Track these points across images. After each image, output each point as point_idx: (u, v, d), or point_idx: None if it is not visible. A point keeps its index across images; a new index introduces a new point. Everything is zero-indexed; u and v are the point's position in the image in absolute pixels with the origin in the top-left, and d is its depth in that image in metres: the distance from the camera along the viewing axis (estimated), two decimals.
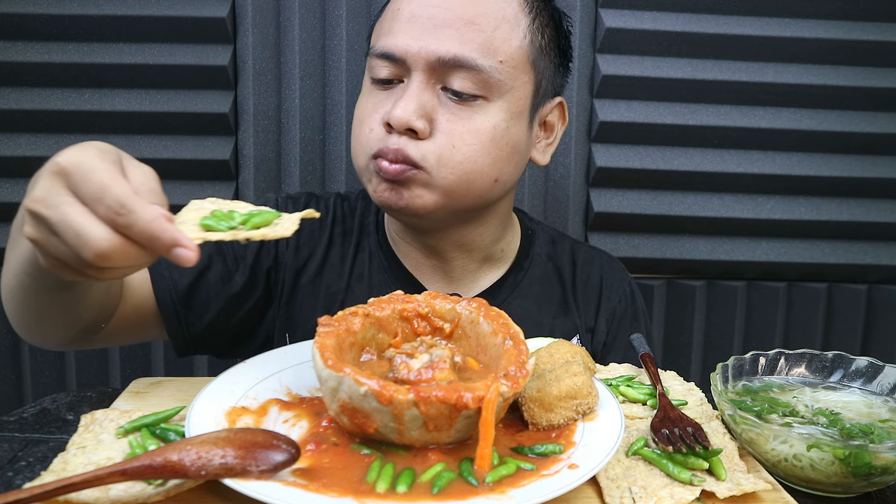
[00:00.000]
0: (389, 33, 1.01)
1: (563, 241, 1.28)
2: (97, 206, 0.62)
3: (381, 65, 1.02)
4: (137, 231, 0.62)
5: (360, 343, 0.75)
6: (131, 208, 0.61)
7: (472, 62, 0.97)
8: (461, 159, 0.99)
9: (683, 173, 1.61)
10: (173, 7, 1.49)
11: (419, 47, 0.97)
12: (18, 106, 1.51)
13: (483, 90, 0.99)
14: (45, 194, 0.63)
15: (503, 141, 1.02)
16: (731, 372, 0.83)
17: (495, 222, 1.15)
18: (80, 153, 0.64)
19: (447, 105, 1.00)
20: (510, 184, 1.09)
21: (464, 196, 1.02)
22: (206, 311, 1.10)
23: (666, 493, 0.63)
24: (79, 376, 1.65)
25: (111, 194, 0.62)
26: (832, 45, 1.58)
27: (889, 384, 0.80)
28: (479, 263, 1.17)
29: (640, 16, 1.56)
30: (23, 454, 0.72)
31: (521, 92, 1.03)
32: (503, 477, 0.62)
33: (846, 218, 1.64)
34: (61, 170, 0.63)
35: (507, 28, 1.00)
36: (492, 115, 1.01)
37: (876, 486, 0.69)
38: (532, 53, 1.03)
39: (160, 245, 0.62)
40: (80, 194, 0.63)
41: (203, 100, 1.53)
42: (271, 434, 0.62)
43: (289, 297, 1.15)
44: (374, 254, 1.17)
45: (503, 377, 0.66)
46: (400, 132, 0.98)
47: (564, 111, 1.16)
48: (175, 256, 0.63)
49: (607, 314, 1.22)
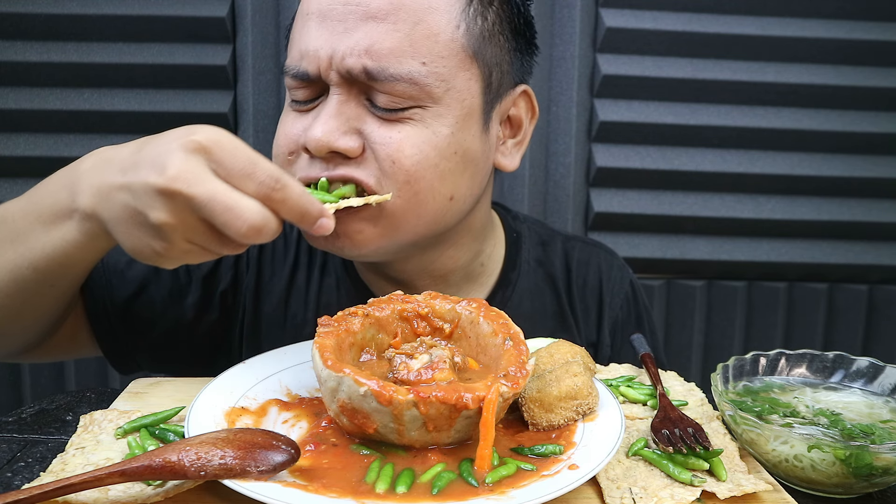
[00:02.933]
0: (300, 39, 0.87)
1: (553, 241, 1.13)
2: (247, 182, 0.63)
3: (297, 85, 0.87)
4: (291, 204, 0.64)
5: (359, 343, 0.75)
6: (285, 182, 0.64)
7: (386, 72, 0.81)
8: (405, 177, 0.83)
9: (683, 173, 1.61)
10: (173, 7, 1.49)
11: (329, 57, 0.82)
12: (18, 106, 1.51)
13: (412, 100, 0.83)
14: (186, 172, 0.62)
15: (450, 150, 0.86)
16: (732, 372, 0.83)
17: (468, 240, 0.99)
18: (217, 132, 0.65)
19: (376, 119, 0.84)
20: (470, 200, 0.92)
21: (415, 223, 0.87)
22: (149, 329, 0.99)
23: (666, 493, 0.63)
24: (78, 377, 1.64)
25: (264, 169, 0.64)
26: (832, 45, 1.58)
27: (890, 385, 0.80)
28: (456, 287, 1.03)
29: (641, 15, 1.56)
30: (21, 455, 0.72)
31: (464, 91, 0.86)
32: (503, 477, 0.62)
33: (847, 218, 1.64)
34: (201, 147, 0.63)
35: (432, 19, 0.84)
36: (430, 124, 0.85)
37: (877, 486, 0.69)
38: (471, 44, 0.86)
39: (310, 217, 0.66)
40: (223, 171, 0.64)
41: (202, 99, 1.53)
42: (271, 434, 0.62)
43: (252, 325, 1.03)
44: (341, 280, 1.04)
45: (503, 377, 0.66)
46: (323, 157, 0.83)
47: (532, 101, 0.97)
48: (318, 227, 0.67)
49: (610, 323, 1.10)
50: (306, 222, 0.67)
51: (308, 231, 0.70)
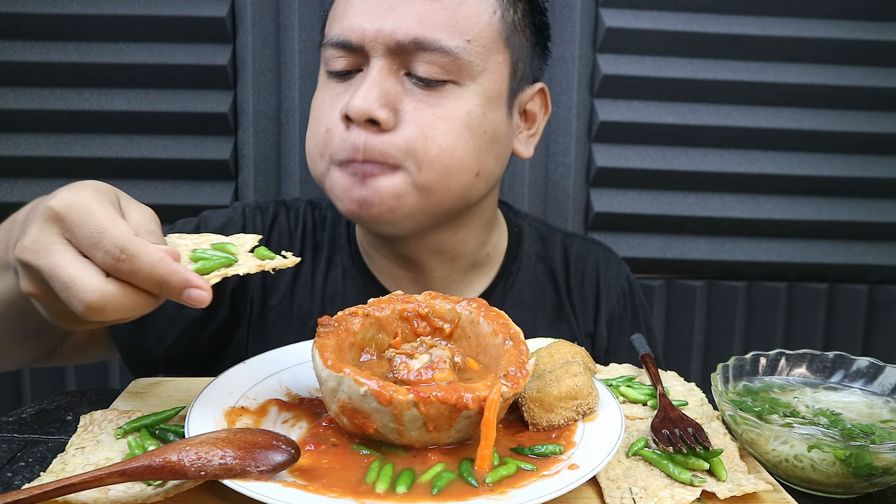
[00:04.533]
0: (343, 17, 0.91)
1: (553, 237, 1.18)
2: (94, 251, 0.57)
3: (337, 55, 0.91)
4: (143, 276, 0.57)
5: (359, 343, 0.75)
6: (133, 252, 0.57)
7: (436, 43, 0.87)
8: (437, 152, 0.88)
9: (683, 173, 1.61)
10: (173, 7, 1.49)
11: (375, 30, 0.87)
12: (18, 106, 1.51)
13: (452, 74, 0.89)
14: (36, 242, 0.58)
15: (480, 129, 0.92)
16: (732, 372, 0.83)
17: (478, 225, 1.04)
18: (74, 195, 0.59)
19: (413, 92, 0.89)
20: (493, 178, 0.99)
21: (444, 194, 0.92)
22: (164, 334, 1.01)
23: (666, 493, 0.63)
24: (78, 377, 1.64)
25: (109, 238, 0.57)
26: (832, 45, 1.58)
27: (890, 385, 0.80)
28: (463, 273, 1.07)
29: (641, 15, 1.56)
30: (21, 455, 0.72)
31: (496, 74, 0.93)
32: (503, 477, 0.62)
33: (847, 218, 1.64)
34: (54, 214, 0.58)
35: (473, 2, 0.90)
36: (465, 101, 0.90)
37: (877, 486, 0.69)
38: (504, 30, 0.93)
39: (171, 288, 0.58)
40: (75, 240, 0.58)
41: (202, 100, 1.53)
42: (271, 434, 0.62)
43: (259, 319, 1.06)
44: (347, 270, 1.07)
45: (503, 377, 0.66)
46: (360, 124, 0.88)
47: (546, 99, 1.05)
48: (187, 298, 0.58)
49: (607, 316, 1.15)
50: (167, 292, 0.58)
51: (177, 300, 0.61)
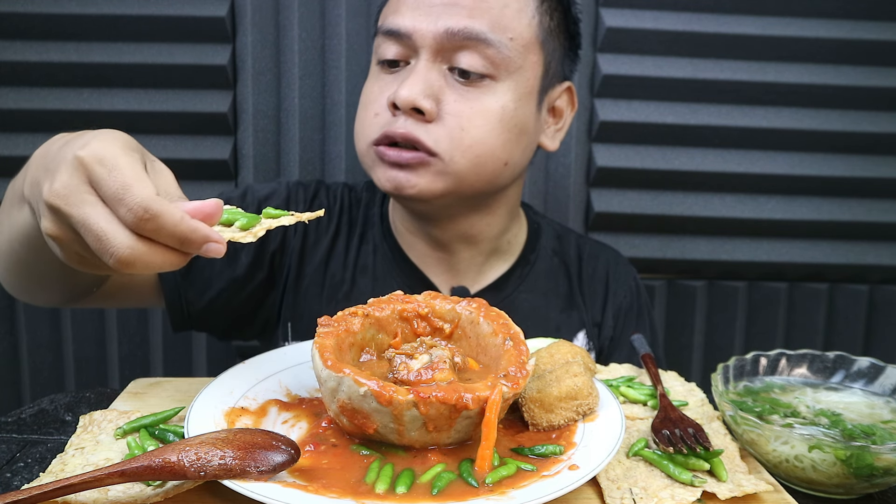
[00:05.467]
0: (397, 12, 1.02)
1: (568, 236, 1.28)
2: (118, 207, 0.59)
3: (388, 44, 1.02)
4: (166, 235, 0.59)
5: (359, 343, 0.74)
6: (156, 212, 0.58)
7: (482, 35, 0.98)
8: (471, 142, 0.99)
9: (683, 173, 1.60)
10: (172, 7, 1.49)
11: (427, 22, 0.98)
12: (18, 106, 1.50)
13: (491, 69, 1.00)
14: (66, 189, 0.60)
15: (512, 122, 1.02)
16: (732, 372, 0.83)
17: (503, 212, 1.14)
18: (104, 146, 0.61)
19: (454, 86, 1.00)
20: (520, 168, 1.09)
21: (474, 180, 1.02)
22: (207, 287, 1.09)
23: (667, 493, 0.63)
24: (77, 377, 1.64)
25: (133, 196, 0.58)
26: (832, 45, 1.58)
27: (891, 385, 0.80)
28: (485, 256, 1.17)
29: (641, 15, 1.56)
30: (21, 455, 0.72)
31: (530, 72, 1.04)
32: (503, 478, 0.61)
33: (847, 218, 1.64)
34: (82, 163, 0.60)
35: (515, 6, 1.01)
36: (500, 96, 1.01)
37: (877, 487, 0.69)
38: (541, 34, 1.04)
39: (192, 244, 0.61)
40: (101, 192, 0.60)
41: (202, 99, 1.53)
42: (271, 435, 0.62)
43: (294, 283, 1.15)
44: (378, 246, 1.17)
45: (503, 378, 0.66)
46: (406, 113, 0.99)
47: (573, 97, 1.16)
48: (206, 251, 0.62)
49: (614, 309, 1.22)
50: (191, 248, 0.61)
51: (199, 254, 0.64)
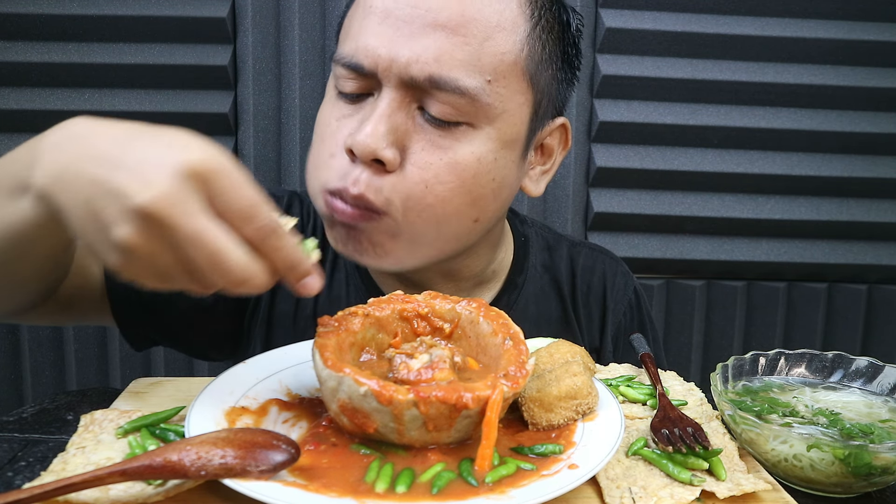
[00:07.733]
0: (358, 35, 0.83)
1: (559, 246, 1.13)
2: (245, 224, 0.55)
3: (347, 76, 0.84)
4: (285, 254, 0.57)
5: (359, 343, 0.75)
6: (282, 231, 0.56)
7: (453, 83, 0.79)
8: (432, 201, 0.83)
9: (683, 173, 1.61)
10: (173, 7, 1.50)
11: (390, 58, 0.80)
12: (18, 106, 1.51)
13: (467, 116, 0.82)
14: (175, 198, 0.53)
15: (489, 176, 0.85)
16: (731, 372, 0.83)
17: (485, 251, 1.01)
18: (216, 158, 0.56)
19: (424, 130, 0.82)
20: (494, 221, 0.93)
21: (434, 239, 0.87)
22: (167, 306, 0.97)
23: (666, 493, 0.63)
24: (78, 376, 1.65)
25: (266, 214, 0.55)
26: (832, 45, 1.58)
27: (889, 384, 0.80)
28: (467, 291, 1.04)
29: (640, 16, 1.57)
30: (22, 454, 0.72)
31: (516, 117, 0.86)
32: (503, 477, 0.62)
33: (846, 218, 1.64)
34: (197, 173, 0.54)
35: (500, 38, 0.82)
36: (477, 145, 0.83)
37: (876, 486, 0.69)
38: (530, 69, 0.85)
39: (297, 272, 0.58)
40: (220, 207, 0.55)
41: (203, 100, 1.53)
42: (271, 434, 0.62)
43: (266, 315, 1.04)
44: (350, 276, 1.03)
45: (503, 377, 0.66)
46: (364, 162, 0.82)
47: (567, 134, 0.97)
48: (302, 286, 0.59)
49: (613, 329, 1.11)
50: (295, 275, 0.59)
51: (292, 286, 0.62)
